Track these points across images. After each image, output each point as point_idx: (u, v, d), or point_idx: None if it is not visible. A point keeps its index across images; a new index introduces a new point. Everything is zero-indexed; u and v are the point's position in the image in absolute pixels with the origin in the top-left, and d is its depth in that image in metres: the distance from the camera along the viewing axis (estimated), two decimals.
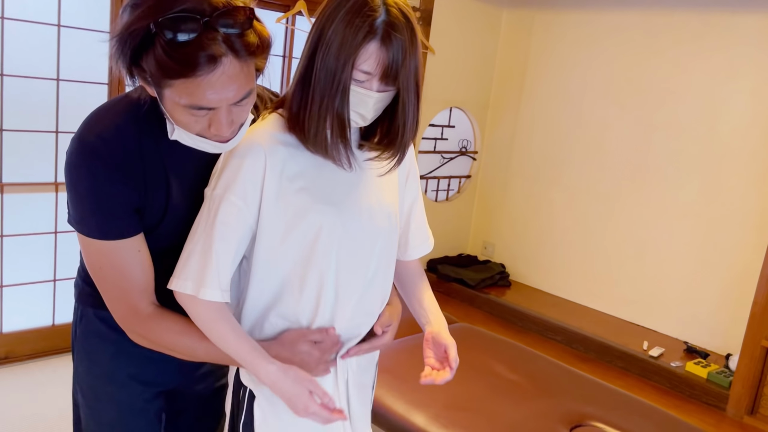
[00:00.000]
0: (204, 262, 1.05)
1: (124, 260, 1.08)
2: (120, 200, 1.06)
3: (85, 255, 1.10)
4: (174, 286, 1.07)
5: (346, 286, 1.16)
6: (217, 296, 1.06)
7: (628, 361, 3.40)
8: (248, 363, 1.08)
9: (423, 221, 1.36)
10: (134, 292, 1.09)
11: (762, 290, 2.94)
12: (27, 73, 2.70)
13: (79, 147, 1.05)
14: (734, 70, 3.38)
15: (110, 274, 1.08)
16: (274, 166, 1.07)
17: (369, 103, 1.05)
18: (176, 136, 1.06)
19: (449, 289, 4.29)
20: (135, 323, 1.10)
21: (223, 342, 1.08)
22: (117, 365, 1.23)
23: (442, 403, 1.93)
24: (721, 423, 2.98)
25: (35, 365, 2.83)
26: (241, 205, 1.06)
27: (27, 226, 2.84)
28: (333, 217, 1.11)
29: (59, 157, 2.85)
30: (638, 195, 3.80)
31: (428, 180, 4.46)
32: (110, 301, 1.10)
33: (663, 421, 1.99)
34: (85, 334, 1.25)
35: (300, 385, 1.07)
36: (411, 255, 1.36)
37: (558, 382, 2.16)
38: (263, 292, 1.14)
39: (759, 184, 3.32)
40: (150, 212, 1.11)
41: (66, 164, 1.07)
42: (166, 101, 1.00)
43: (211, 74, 0.94)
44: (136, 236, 1.09)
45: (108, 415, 1.26)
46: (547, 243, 4.28)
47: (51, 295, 2.96)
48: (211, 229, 1.06)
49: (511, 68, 4.43)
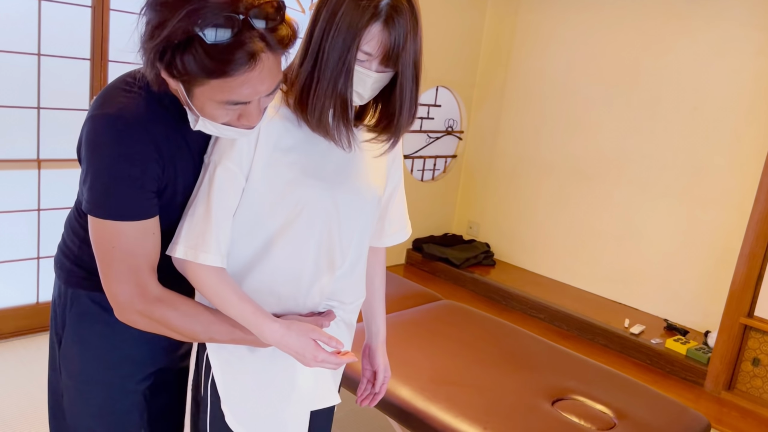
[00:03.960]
0: (203, 227, 1.07)
1: (138, 241, 1.06)
2: (148, 181, 1.04)
3: (96, 237, 1.07)
4: (172, 252, 1.09)
5: (325, 261, 1.18)
6: (216, 261, 1.08)
7: (610, 338, 3.46)
8: (252, 323, 1.10)
9: (402, 210, 1.38)
10: (145, 271, 1.08)
11: (741, 269, 3.00)
12: (7, 48, 2.65)
13: (109, 124, 1.02)
14: (719, 50, 3.41)
15: (121, 254, 1.06)
16: (268, 136, 1.09)
17: (368, 82, 1.07)
18: (200, 127, 1.04)
19: (434, 268, 4.32)
20: (141, 303, 1.08)
21: (226, 305, 1.09)
22: (111, 347, 1.22)
23: (427, 377, 1.96)
24: (699, 398, 3.05)
25: (19, 343, 2.83)
26: (236, 171, 1.08)
27: (9, 203, 2.81)
28: (321, 191, 1.14)
29: (41, 133, 2.81)
30: (621, 175, 3.84)
31: (414, 159, 4.47)
32: (115, 282, 1.08)
33: (642, 395, 2.03)
34: (78, 318, 1.23)
35: (305, 337, 1.09)
36: (384, 242, 1.37)
37: (540, 358, 2.19)
38: (243, 255, 1.16)
39: (740, 164, 3.36)
40: (171, 186, 1.10)
41: (86, 143, 1.04)
42: (195, 98, 0.99)
43: (251, 72, 0.94)
44: (153, 218, 1.08)
45: (97, 397, 1.25)
46: (532, 222, 4.32)
47: (35, 273, 2.94)
48: (209, 195, 1.08)
49: (498, 47, 4.43)
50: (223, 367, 1.19)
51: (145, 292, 1.08)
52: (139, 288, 1.07)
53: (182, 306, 1.11)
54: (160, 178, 1.07)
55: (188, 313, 1.11)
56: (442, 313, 2.48)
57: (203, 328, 1.11)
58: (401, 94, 1.10)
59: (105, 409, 1.25)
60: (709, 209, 3.49)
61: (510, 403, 1.88)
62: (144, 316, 1.09)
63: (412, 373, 1.97)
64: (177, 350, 1.32)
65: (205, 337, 1.13)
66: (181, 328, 1.11)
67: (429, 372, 1.99)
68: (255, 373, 1.19)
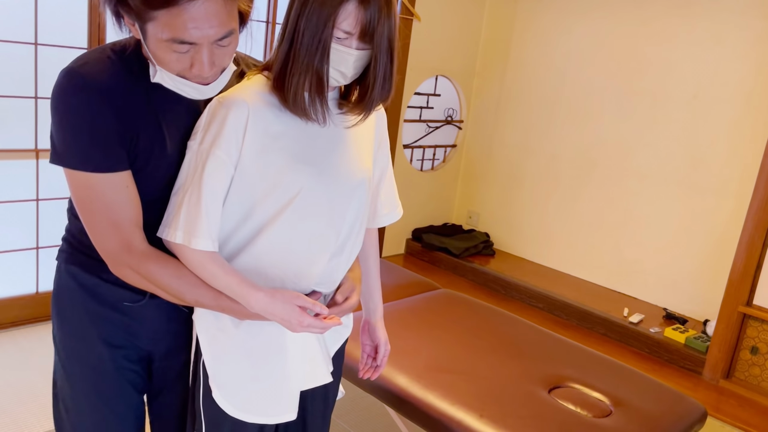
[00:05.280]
0: (195, 213, 1.10)
1: (112, 194, 1.09)
2: (109, 132, 1.07)
3: (72, 191, 1.11)
4: (165, 235, 1.12)
5: (317, 247, 1.19)
6: (208, 246, 1.11)
7: (609, 327, 3.46)
8: (238, 293, 1.12)
9: (393, 191, 1.42)
10: (126, 225, 1.11)
11: (740, 257, 2.99)
12: (4, 37, 2.64)
13: (69, 77, 1.07)
14: (718, 38, 3.39)
15: (99, 208, 1.09)
16: (256, 122, 1.11)
17: (349, 60, 1.10)
18: (158, 79, 1.08)
19: (434, 258, 4.32)
20: (128, 257, 1.11)
21: (213, 279, 1.13)
22: (86, 325, 1.24)
23: (424, 365, 1.96)
24: (697, 386, 3.05)
25: (19, 332, 2.84)
26: (225, 159, 1.10)
27: (8, 193, 2.82)
28: (312, 177, 1.15)
29: (39, 123, 2.81)
30: (620, 164, 3.83)
31: (413, 149, 4.46)
32: (101, 237, 1.11)
33: (639, 383, 2.03)
34: (59, 290, 1.26)
35: (289, 304, 1.12)
36: (377, 223, 1.41)
37: (538, 346, 2.20)
38: (234, 240, 1.17)
39: (739, 152, 3.35)
40: (142, 156, 1.13)
41: (54, 95, 1.08)
42: (149, 39, 1.02)
43: (192, 4, 0.97)
44: (124, 172, 1.10)
45: (79, 374, 1.26)
46: (531, 212, 4.31)
47: (34, 263, 2.95)
48: (200, 182, 1.10)
49: (497, 36, 4.41)
50: (211, 343, 1.21)
51: (131, 247, 1.11)
52: (123, 242, 1.10)
53: (170, 265, 1.13)
54: (122, 137, 1.09)
55: (175, 274, 1.13)
56: (440, 302, 2.48)
57: (189, 289, 1.13)
58: (375, 68, 1.12)
59: (88, 388, 1.27)
60: (709, 198, 3.48)
61: (506, 390, 1.88)
62: (133, 270, 1.12)
63: (409, 361, 1.98)
64: (161, 341, 1.30)
65: (191, 298, 1.15)
66: (168, 286, 1.13)
67: (426, 360, 2.00)
68: (240, 349, 1.20)
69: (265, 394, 1.21)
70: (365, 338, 1.45)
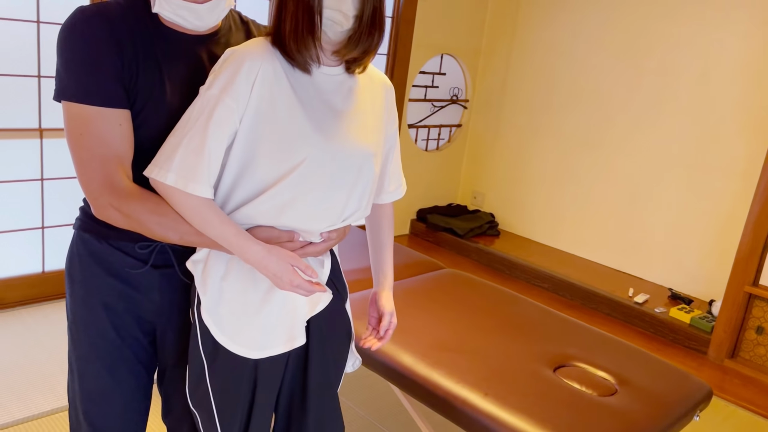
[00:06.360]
0: (196, 158, 1.09)
1: (104, 128, 1.11)
2: (108, 67, 1.10)
3: (67, 125, 1.12)
4: (154, 174, 1.10)
5: (317, 222, 1.20)
6: (207, 192, 1.10)
7: (613, 308, 3.46)
8: (234, 245, 1.13)
9: (399, 167, 1.42)
10: (112, 160, 1.11)
11: (746, 237, 2.98)
12: (6, 15, 2.62)
13: (76, 14, 1.12)
14: (726, 17, 3.34)
15: (88, 141, 1.10)
16: (266, 77, 1.11)
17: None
18: (158, 7, 1.13)
19: (438, 239, 4.32)
20: (111, 195, 1.11)
21: (208, 227, 1.12)
22: (92, 292, 1.25)
23: (429, 344, 1.97)
24: (702, 366, 3.06)
25: (26, 311, 2.85)
26: (234, 107, 1.10)
27: (12, 172, 2.81)
28: (318, 147, 1.14)
29: (42, 102, 2.80)
30: (627, 143, 3.80)
31: (418, 129, 4.43)
32: (86, 174, 1.11)
33: (644, 362, 2.03)
34: (71, 256, 1.28)
35: (284, 261, 1.13)
36: (384, 199, 1.41)
37: (542, 325, 2.19)
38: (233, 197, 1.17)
39: (746, 131, 3.32)
40: (141, 98, 1.14)
41: (61, 30, 1.12)
42: None
43: None
44: (120, 110, 1.12)
45: (85, 340, 1.28)
46: (537, 192, 4.29)
47: (40, 243, 2.96)
48: (206, 127, 1.09)
49: (503, 14, 4.36)
50: (203, 275, 1.20)
51: (114, 184, 1.11)
52: (107, 179, 1.11)
53: (152, 202, 1.13)
54: (120, 73, 1.12)
55: (158, 211, 1.12)
56: (445, 281, 2.48)
57: (173, 224, 1.13)
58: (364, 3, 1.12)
59: (91, 353, 1.28)
60: (715, 177, 3.46)
61: (511, 369, 1.89)
62: (116, 210, 1.12)
63: (413, 340, 1.98)
64: (165, 314, 1.31)
65: (176, 237, 1.14)
66: (150, 222, 1.13)
67: (431, 339, 2.00)
68: (235, 276, 1.20)
69: (260, 322, 1.21)
70: (372, 309, 1.45)
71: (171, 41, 1.17)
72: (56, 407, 2.22)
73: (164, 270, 1.26)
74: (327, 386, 1.34)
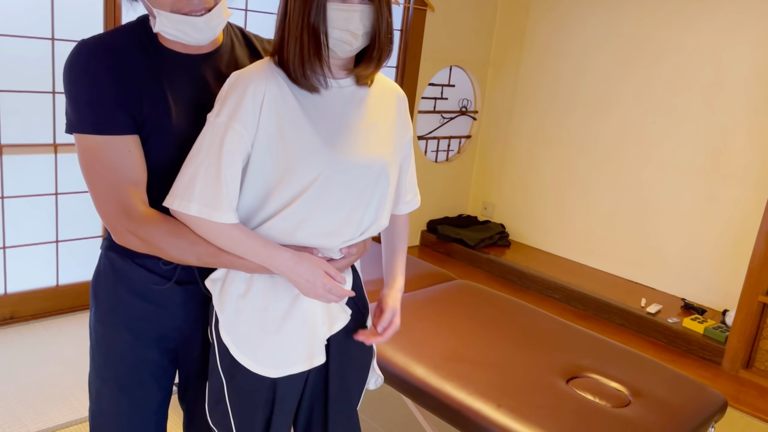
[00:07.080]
0: (215, 187, 1.09)
1: (114, 156, 1.12)
2: (111, 96, 1.12)
3: (80, 158, 1.14)
4: (175, 206, 1.11)
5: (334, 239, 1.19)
6: (232, 218, 1.11)
7: (626, 318, 3.44)
8: (264, 255, 1.13)
9: (414, 178, 1.41)
10: (125, 187, 1.12)
11: (760, 246, 2.96)
12: (21, 33, 2.67)
13: (79, 48, 1.13)
14: (738, 24, 3.34)
15: (101, 170, 1.12)
16: (272, 95, 1.11)
17: (355, 18, 1.09)
18: (159, 26, 1.13)
19: (449, 250, 4.32)
20: (127, 222, 1.12)
21: (236, 245, 1.13)
22: (115, 311, 1.26)
23: (441, 355, 1.97)
24: (716, 377, 3.03)
25: (40, 325, 2.88)
26: (243, 133, 1.10)
27: (28, 187, 2.85)
28: (330, 162, 1.14)
29: (57, 117, 2.84)
30: (638, 152, 3.79)
31: (428, 140, 4.44)
32: (101, 202, 1.13)
33: (658, 373, 2.02)
34: (96, 274, 1.30)
35: (316, 267, 1.15)
36: (401, 209, 1.40)
37: (555, 336, 2.19)
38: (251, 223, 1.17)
39: (759, 140, 3.30)
40: (148, 122, 1.15)
41: (65, 66, 1.13)
42: None
43: None
44: (127, 136, 1.13)
45: (104, 361, 1.29)
46: (547, 203, 4.29)
47: (54, 257, 2.98)
48: (219, 156, 1.09)
49: (512, 24, 4.37)
50: (221, 294, 1.21)
51: (129, 210, 1.12)
52: (122, 205, 1.12)
53: (168, 225, 1.13)
54: (125, 100, 1.13)
55: (175, 233, 1.13)
56: (456, 292, 2.48)
57: (189, 247, 1.13)
58: (378, 19, 1.12)
59: (106, 372, 1.29)
60: (728, 186, 3.44)
61: (524, 381, 1.88)
62: (134, 235, 1.13)
63: (426, 351, 1.98)
64: (187, 330, 1.32)
65: (193, 258, 1.15)
66: (167, 245, 1.13)
67: (443, 350, 2.00)
68: (253, 294, 1.20)
69: (280, 342, 1.20)
70: (377, 308, 1.39)
71: (174, 63, 1.18)
72: (71, 420, 2.23)
73: (188, 286, 1.26)
74: (347, 404, 1.34)
